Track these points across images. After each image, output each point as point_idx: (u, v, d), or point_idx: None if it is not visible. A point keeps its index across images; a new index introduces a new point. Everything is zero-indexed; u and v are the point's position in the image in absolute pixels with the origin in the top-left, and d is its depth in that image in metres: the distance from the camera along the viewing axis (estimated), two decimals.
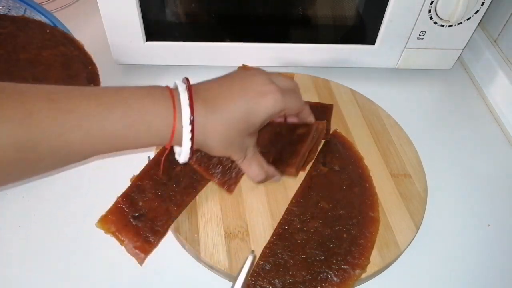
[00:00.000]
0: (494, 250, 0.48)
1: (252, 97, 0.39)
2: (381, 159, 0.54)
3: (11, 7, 0.57)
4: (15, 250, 0.45)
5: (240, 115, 0.38)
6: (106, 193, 0.50)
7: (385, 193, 0.50)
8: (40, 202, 0.49)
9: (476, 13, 0.57)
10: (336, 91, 0.62)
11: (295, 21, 0.61)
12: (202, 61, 0.64)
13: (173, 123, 0.36)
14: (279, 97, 0.39)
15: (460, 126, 0.62)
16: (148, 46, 0.60)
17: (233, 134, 0.39)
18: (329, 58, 0.64)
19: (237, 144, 0.40)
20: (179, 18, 0.59)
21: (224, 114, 0.38)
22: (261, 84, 0.39)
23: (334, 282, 0.41)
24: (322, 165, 0.51)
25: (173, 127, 0.36)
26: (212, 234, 0.45)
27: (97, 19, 0.57)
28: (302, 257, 0.43)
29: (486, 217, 0.51)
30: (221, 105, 0.38)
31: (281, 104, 0.40)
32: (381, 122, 0.58)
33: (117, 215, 0.43)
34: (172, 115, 0.36)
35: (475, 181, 0.55)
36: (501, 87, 0.63)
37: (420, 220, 0.48)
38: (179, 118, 0.36)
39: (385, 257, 0.44)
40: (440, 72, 0.69)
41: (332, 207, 0.47)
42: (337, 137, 0.55)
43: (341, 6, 0.60)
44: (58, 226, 0.47)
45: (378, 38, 0.60)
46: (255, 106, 0.39)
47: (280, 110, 0.40)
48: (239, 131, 0.39)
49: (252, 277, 0.42)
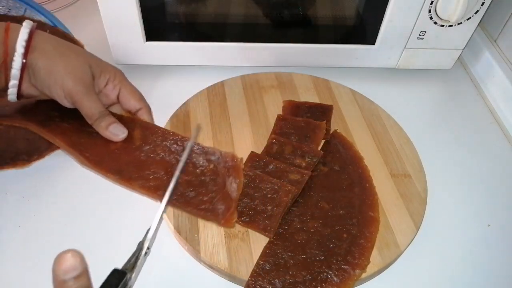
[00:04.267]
0: (494, 250, 0.48)
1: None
2: (381, 159, 0.54)
3: (11, 7, 0.57)
4: (15, 250, 0.45)
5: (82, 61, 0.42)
6: (106, 193, 0.50)
7: (385, 193, 0.50)
8: (40, 202, 0.49)
9: (476, 13, 0.57)
10: (336, 91, 0.62)
11: (295, 21, 0.60)
12: (202, 61, 0.64)
13: (4, 35, 0.38)
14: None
15: (460, 126, 0.62)
16: (148, 46, 0.60)
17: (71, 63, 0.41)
18: (329, 58, 0.64)
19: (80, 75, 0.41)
20: (179, 18, 0.59)
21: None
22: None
23: (334, 282, 0.41)
24: (322, 165, 0.51)
25: (6, 37, 0.38)
26: (212, 234, 0.45)
27: (97, 19, 0.57)
28: (302, 257, 0.43)
29: (486, 217, 0.51)
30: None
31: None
32: (381, 122, 0.58)
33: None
34: (4, 29, 0.39)
35: (475, 181, 0.55)
36: (501, 87, 0.63)
37: (420, 220, 0.48)
38: (13, 36, 0.39)
39: (385, 257, 0.44)
40: (440, 72, 0.69)
41: (332, 207, 0.47)
42: (337, 137, 0.55)
43: (341, 6, 0.60)
44: (58, 226, 0.47)
45: (378, 38, 0.60)
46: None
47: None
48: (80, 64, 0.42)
49: (252, 277, 0.42)
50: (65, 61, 0.41)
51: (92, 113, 0.43)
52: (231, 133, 0.55)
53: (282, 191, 0.46)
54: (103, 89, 0.46)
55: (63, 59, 0.41)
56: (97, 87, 0.45)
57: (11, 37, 0.39)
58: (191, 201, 0.42)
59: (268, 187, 0.46)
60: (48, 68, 0.40)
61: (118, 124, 0.44)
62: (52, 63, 0.40)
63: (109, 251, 0.45)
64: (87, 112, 0.43)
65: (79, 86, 0.41)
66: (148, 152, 0.45)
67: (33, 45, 0.40)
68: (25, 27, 0.40)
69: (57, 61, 0.41)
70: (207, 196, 0.43)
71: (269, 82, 0.63)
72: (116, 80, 0.46)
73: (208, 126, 0.56)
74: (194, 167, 0.44)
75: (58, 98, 0.42)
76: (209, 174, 0.44)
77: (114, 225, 0.48)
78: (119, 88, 0.46)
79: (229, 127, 0.56)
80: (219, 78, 0.62)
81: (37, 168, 0.52)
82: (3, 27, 0.39)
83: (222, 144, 0.54)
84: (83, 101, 0.42)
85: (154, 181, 0.42)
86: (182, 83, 0.63)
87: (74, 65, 0.41)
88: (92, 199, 0.50)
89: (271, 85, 0.62)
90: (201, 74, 0.65)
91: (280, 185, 0.46)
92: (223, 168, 0.44)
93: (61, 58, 0.41)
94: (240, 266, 0.43)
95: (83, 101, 0.42)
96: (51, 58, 0.40)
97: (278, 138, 0.53)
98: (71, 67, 0.41)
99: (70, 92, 0.41)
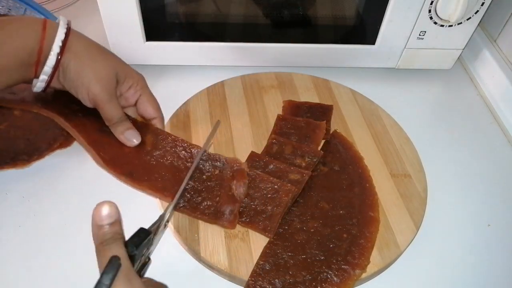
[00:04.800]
0: (494, 250, 0.48)
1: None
2: (381, 159, 0.54)
3: (11, 7, 0.57)
4: (15, 250, 0.45)
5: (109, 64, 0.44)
6: (106, 192, 0.50)
7: (385, 193, 0.50)
8: (40, 202, 0.49)
9: (476, 13, 0.57)
10: (336, 91, 0.62)
11: (295, 21, 0.60)
12: (202, 61, 0.64)
13: (42, 33, 0.39)
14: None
15: (460, 126, 0.62)
16: (148, 46, 0.60)
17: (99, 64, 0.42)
18: (329, 58, 0.64)
19: (105, 82, 0.42)
20: (179, 18, 0.59)
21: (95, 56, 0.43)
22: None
23: (334, 282, 0.41)
24: (322, 165, 0.51)
25: (43, 36, 0.39)
26: (212, 234, 0.45)
27: (97, 19, 0.57)
28: (302, 257, 0.43)
29: (486, 217, 0.51)
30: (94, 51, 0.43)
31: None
32: (381, 122, 0.58)
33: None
34: (41, 26, 0.40)
35: (475, 181, 0.55)
36: (501, 87, 0.63)
37: (420, 220, 0.48)
38: (50, 34, 0.40)
39: (385, 257, 0.44)
40: (440, 72, 0.69)
41: (332, 207, 0.47)
42: (337, 137, 0.55)
43: (341, 6, 0.60)
44: (58, 226, 0.47)
45: (378, 38, 0.60)
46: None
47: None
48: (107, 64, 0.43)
49: (252, 277, 0.42)
50: (94, 66, 0.42)
51: (112, 118, 0.44)
52: (231, 133, 0.55)
53: (282, 191, 0.46)
54: (125, 93, 0.47)
55: (92, 63, 0.42)
56: (119, 91, 0.46)
57: (47, 35, 0.40)
58: (198, 206, 0.45)
59: (268, 187, 0.46)
60: (78, 70, 0.41)
61: (133, 131, 0.46)
62: (82, 65, 0.41)
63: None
64: (107, 117, 0.44)
65: (104, 93, 0.42)
66: (158, 157, 0.47)
67: (68, 46, 0.41)
68: (62, 26, 0.41)
69: (87, 65, 0.42)
70: (213, 200, 0.45)
71: (269, 82, 0.63)
72: (138, 86, 0.47)
73: (208, 126, 0.56)
74: (201, 173, 0.47)
75: (82, 99, 0.44)
76: (214, 179, 0.46)
77: None
78: (139, 94, 0.47)
79: (229, 127, 0.56)
80: (219, 78, 0.62)
81: (37, 168, 0.52)
82: (40, 24, 0.40)
83: (222, 144, 0.54)
84: (105, 107, 0.43)
85: (162, 183, 0.45)
86: (182, 83, 0.63)
87: (102, 71, 0.42)
88: (92, 199, 0.49)
89: (271, 85, 0.62)
90: (201, 74, 0.65)
91: (280, 185, 0.46)
92: (228, 173, 0.46)
93: (91, 62, 0.42)
94: (240, 266, 0.43)
95: (105, 107, 0.43)
96: (82, 60, 0.41)
97: (278, 138, 0.53)
98: (99, 72, 0.42)
99: (95, 97, 0.42)
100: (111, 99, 0.43)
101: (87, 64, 0.42)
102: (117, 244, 0.30)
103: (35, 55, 0.40)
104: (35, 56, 0.40)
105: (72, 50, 0.41)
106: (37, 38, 0.39)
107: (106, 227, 0.30)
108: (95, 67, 0.42)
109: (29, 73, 0.41)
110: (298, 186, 0.47)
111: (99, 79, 0.42)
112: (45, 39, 0.39)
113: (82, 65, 0.41)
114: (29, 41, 0.39)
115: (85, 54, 0.42)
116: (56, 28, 0.40)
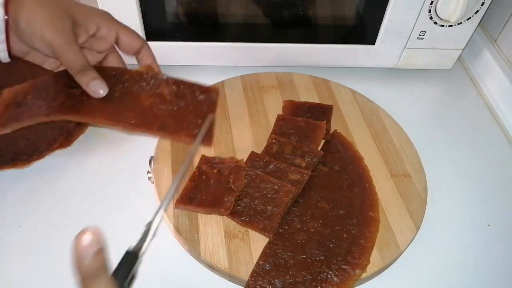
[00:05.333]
0: (494, 250, 0.48)
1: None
2: (381, 159, 0.54)
3: None
4: (15, 250, 0.45)
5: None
6: (106, 192, 0.50)
7: (385, 193, 0.50)
8: (40, 202, 0.49)
9: (476, 13, 0.57)
10: (336, 91, 0.62)
11: (295, 21, 0.61)
12: (202, 61, 0.64)
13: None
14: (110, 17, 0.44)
15: (460, 126, 0.62)
16: None
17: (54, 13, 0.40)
18: (329, 58, 0.64)
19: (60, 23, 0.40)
20: (179, 18, 0.59)
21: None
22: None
23: (334, 282, 0.41)
24: (322, 165, 0.51)
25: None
26: (212, 234, 0.45)
27: None
28: (302, 257, 0.43)
29: (486, 217, 0.51)
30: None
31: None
32: (381, 122, 0.58)
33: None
34: None
35: (475, 181, 0.55)
36: (501, 87, 0.63)
37: (420, 220, 0.48)
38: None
39: (385, 257, 0.44)
40: (440, 72, 0.69)
41: (332, 207, 0.47)
42: (337, 137, 0.55)
43: (341, 6, 0.60)
44: (58, 226, 0.47)
45: (378, 38, 0.60)
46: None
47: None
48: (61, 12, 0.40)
49: (252, 277, 0.42)
50: (44, 11, 0.40)
51: (73, 66, 0.40)
52: (231, 133, 0.55)
53: (282, 191, 0.46)
54: (97, 33, 0.44)
55: (42, 9, 0.40)
56: (85, 35, 0.43)
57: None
58: (194, 199, 0.45)
59: (268, 187, 0.46)
60: (27, 18, 0.39)
61: (99, 81, 0.41)
62: (31, 13, 0.39)
63: (109, 251, 0.44)
64: (68, 65, 0.41)
65: (58, 36, 0.40)
66: (180, 104, 0.43)
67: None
68: None
69: (36, 11, 0.39)
70: (210, 193, 0.45)
71: (269, 82, 0.63)
72: (109, 23, 0.44)
73: None
74: (200, 173, 0.47)
75: (42, 50, 0.41)
76: (211, 178, 0.47)
77: (114, 225, 0.48)
78: (115, 30, 0.44)
79: (229, 127, 0.56)
80: (219, 78, 0.62)
81: (37, 168, 0.52)
82: None
83: (222, 144, 0.54)
84: (64, 53, 0.40)
85: (195, 129, 0.42)
86: None
87: (53, 14, 0.40)
88: (92, 199, 0.50)
89: (271, 85, 0.62)
90: (201, 74, 0.65)
91: (280, 185, 0.46)
92: (225, 171, 0.47)
93: (40, 8, 0.40)
94: (240, 266, 0.43)
95: (63, 53, 0.40)
96: (30, 8, 0.39)
97: (278, 138, 0.53)
98: (50, 16, 0.40)
99: (50, 43, 0.40)
100: (68, 43, 0.40)
101: (36, 11, 0.39)
102: (103, 279, 0.27)
103: None
104: None
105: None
106: None
107: (90, 259, 0.27)
108: (45, 12, 0.40)
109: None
110: (298, 186, 0.47)
111: (51, 23, 0.39)
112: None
113: (31, 13, 0.39)
114: None
115: (33, 1, 0.39)
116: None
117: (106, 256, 0.28)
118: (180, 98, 0.43)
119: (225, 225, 0.46)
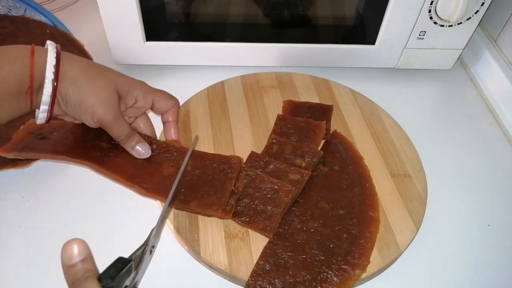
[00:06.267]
0: (494, 250, 0.48)
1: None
2: (381, 159, 0.54)
3: (11, 7, 0.57)
4: (15, 250, 0.45)
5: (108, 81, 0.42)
6: (106, 192, 0.50)
7: (385, 193, 0.50)
8: (40, 202, 0.49)
9: (476, 13, 0.57)
10: (336, 91, 0.62)
11: (295, 21, 0.61)
12: (202, 61, 0.64)
13: (30, 59, 0.38)
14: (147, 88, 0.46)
15: (460, 126, 0.62)
16: (148, 46, 0.60)
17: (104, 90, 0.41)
18: (329, 58, 0.64)
19: (108, 101, 0.42)
20: (179, 18, 0.59)
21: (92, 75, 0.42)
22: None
23: (334, 282, 0.41)
24: (322, 165, 0.51)
25: (32, 61, 0.38)
26: (212, 234, 0.45)
27: (97, 19, 0.57)
28: (302, 257, 0.43)
29: (486, 217, 0.51)
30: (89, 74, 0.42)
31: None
32: (381, 122, 0.58)
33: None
34: (30, 52, 0.38)
35: (475, 181, 0.55)
36: (501, 87, 0.63)
37: (420, 220, 0.48)
38: (40, 59, 0.38)
39: (385, 257, 0.44)
40: (440, 72, 0.69)
41: (332, 207, 0.47)
42: (337, 137, 0.55)
43: (341, 6, 0.60)
44: (58, 226, 0.47)
45: (378, 38, 0.60)
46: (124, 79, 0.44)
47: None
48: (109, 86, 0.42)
49: (252, 277, 0.42)
50: (94, 88, 0.41)
51: (120, 135, 0.44)
52: (231, 133, 0.55)
53: (282, 191, 0.46)
54: (134, 104, 0.46)
55: (92, 86, 0.41)
56: (125, 105, 0.45)
57: (37, 60, 0.38)
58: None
59: (268, 187, 0.46)
60: (79, 97, 0.40)
61: (143, 144, 0.46)
62: (82, 91, 0.40)
63: (109, 251, 0.44)
64: (115, 135, 0.44)
65: (109, 113, 0.42)
66: (198, 174, 0.46)
67: (63, 72, 0.39)
68: (51, 51, 0.39)
69: (86, 89, 0.41)
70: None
71: (269, 82, 0.63)
72: (146, 93, 0.46)
73: (208, 126, 0.56)
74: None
75: (87, 122, 0.43)
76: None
77: (114, 225, 0.48)
78: (151, 100, 0.47)
79: (229, 127, 0.56)
80: (219, 78, 0.62)
81: (37, 168, 0.52)
82: (27, 50, 0.38)
83: (222, 144, 0.54)
84: (113, 127, 0.43)
85: (209, 199, 0.44)
86: (182, 83, 0.63)
87: (103, 91, 0.41)
88: (92, 199, 0.50)
89: (271, 85, 0.62)
90: (201, 74, 0.65)
91: (280, 185, 0.46)
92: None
93: (89, 85, 0.41)
94: (240, 266, 0.43)
95: (112, 127, 0.43)
96: (81, 85, 0.40)
97: (278, 138, 0.53)
98: (100, 94, 0.41)
99: (101, 120, 0.42)
100: (117, 118, 0.43)
101: (86, 88, 0.40)
102: (90, 282, 0.28)
103: (25, 82, 0.38)
104: (26, 83, 0.38)
105: (68, 76, 0.40)
106: (25, 64, 0.38)
107: (77, 266, 0.29)
108: (95, 89, 0.41)
109: (23, 102, 0.39)
110: (298, 186, 0.47)
111: (102, 101, 0.41)
112: (35, 64, 0.38)
113: (82, 91, 0.40)
114: (17, 68, 0.37)
115: (82, 77, 0.40)
116: (45, 53, 0.39)
117: (92, 262, 0.30)
118: (199, 169, 0.46)
119: (225, 225, 0.46)
